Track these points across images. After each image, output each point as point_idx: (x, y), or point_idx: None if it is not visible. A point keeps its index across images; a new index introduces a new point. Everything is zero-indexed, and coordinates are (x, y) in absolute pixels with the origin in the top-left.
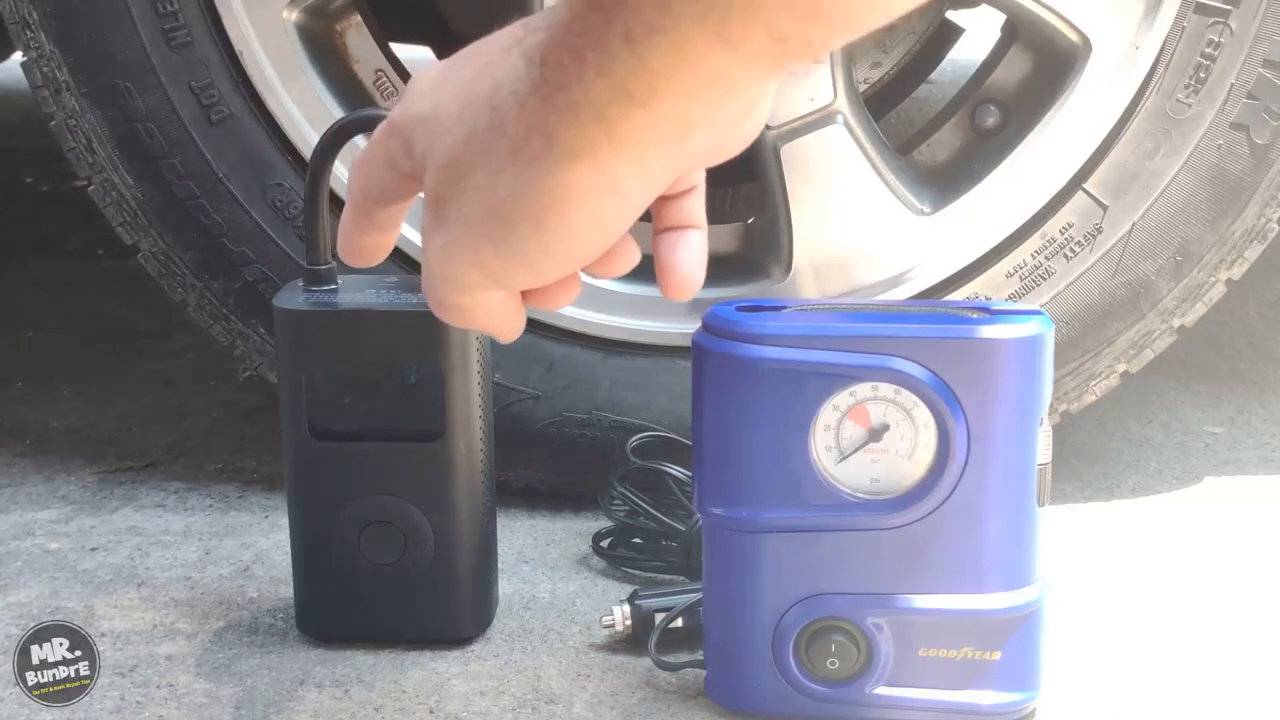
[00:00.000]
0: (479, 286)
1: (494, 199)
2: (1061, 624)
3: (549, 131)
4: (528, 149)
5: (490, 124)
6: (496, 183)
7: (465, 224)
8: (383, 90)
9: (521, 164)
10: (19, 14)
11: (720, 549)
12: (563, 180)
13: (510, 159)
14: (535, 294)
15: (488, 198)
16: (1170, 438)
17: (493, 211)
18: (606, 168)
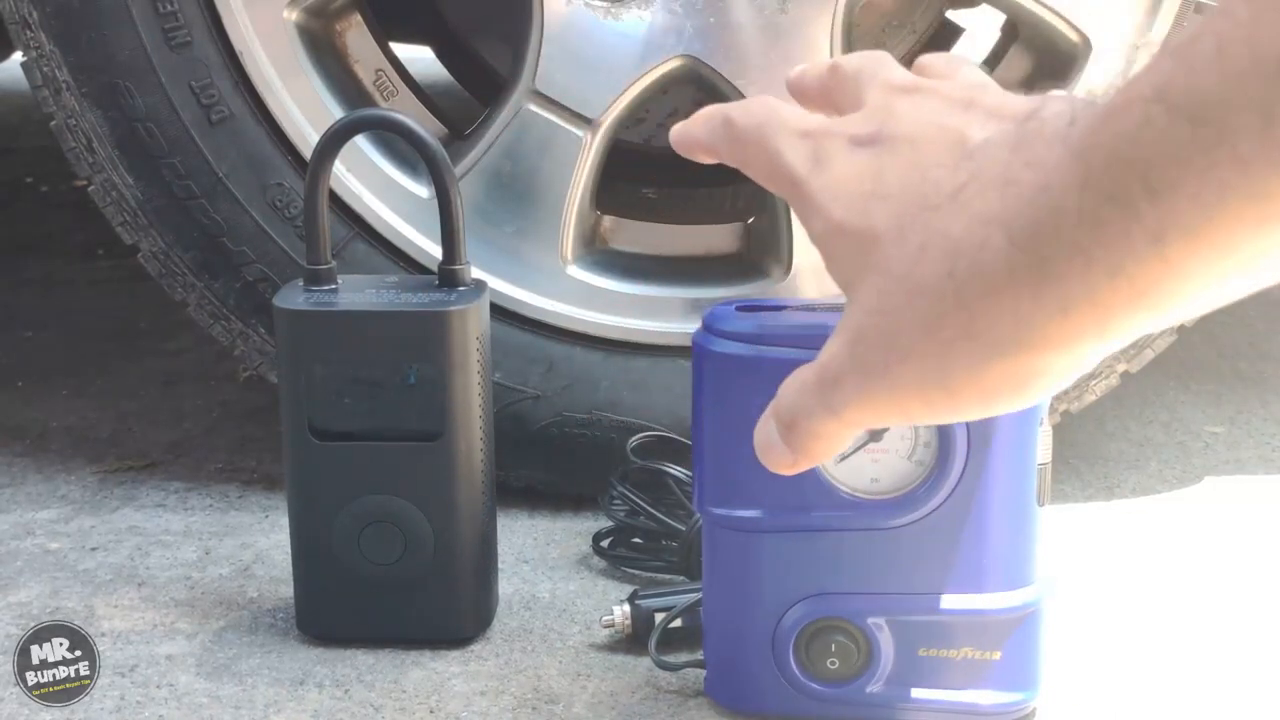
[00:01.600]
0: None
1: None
2: (1061, 624)
3: (1028, 320)
4: (993, 333)
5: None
6: (946, 355)
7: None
8: (383, 90)
9: (983, 344)
10: (19, 14)
11: (720, 549)
12: (1034, 367)
13: (966, 337)
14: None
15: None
16: (1170, 438)
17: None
18: (1089, 355)
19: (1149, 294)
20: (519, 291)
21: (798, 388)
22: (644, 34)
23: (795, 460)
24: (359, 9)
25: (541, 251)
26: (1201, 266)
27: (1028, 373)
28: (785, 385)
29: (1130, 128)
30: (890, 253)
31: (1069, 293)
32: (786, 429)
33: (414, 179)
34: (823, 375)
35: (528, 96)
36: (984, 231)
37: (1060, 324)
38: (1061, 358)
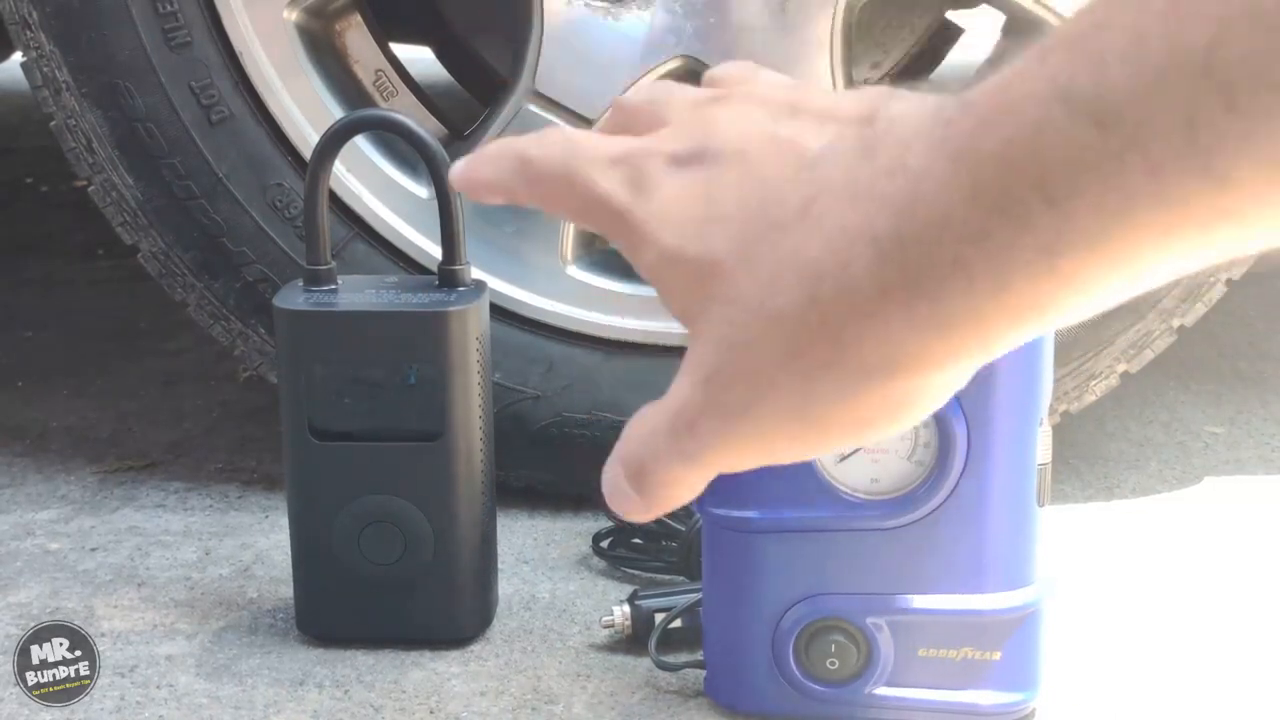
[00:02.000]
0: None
1: (809, 405)
2: (1061, 624)
3: (901, 343)
4: (864, 359)
5: (804, 322)
6: (813, 387)
7: (755, 418)
8: (383, 90)
9: (853, 372)
10: (19, 14)
11: (720, 549)
12: (909, 390)
13: (834, 365)
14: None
15: (798, 401)
16: (1170, 438)
17: (804, 416)
18: (965, 370)
19: (1036, 307)
20: (519, 291)
21: (646, 433)
22: (644, 34)
23: (650, 507)
24: (359, 9)
25: (541, 251)
26: (1096, 277)
27: (903, 397)
28: (630, 429)
29: (1023, 130)
30: (738, 281)
31: (948, 311)
32: (635, 476)
33: (414, 179)
34: (674, 420)
35: (528, 97)
36: (845, 249)
37: (938, 344)
38: (938, 377)
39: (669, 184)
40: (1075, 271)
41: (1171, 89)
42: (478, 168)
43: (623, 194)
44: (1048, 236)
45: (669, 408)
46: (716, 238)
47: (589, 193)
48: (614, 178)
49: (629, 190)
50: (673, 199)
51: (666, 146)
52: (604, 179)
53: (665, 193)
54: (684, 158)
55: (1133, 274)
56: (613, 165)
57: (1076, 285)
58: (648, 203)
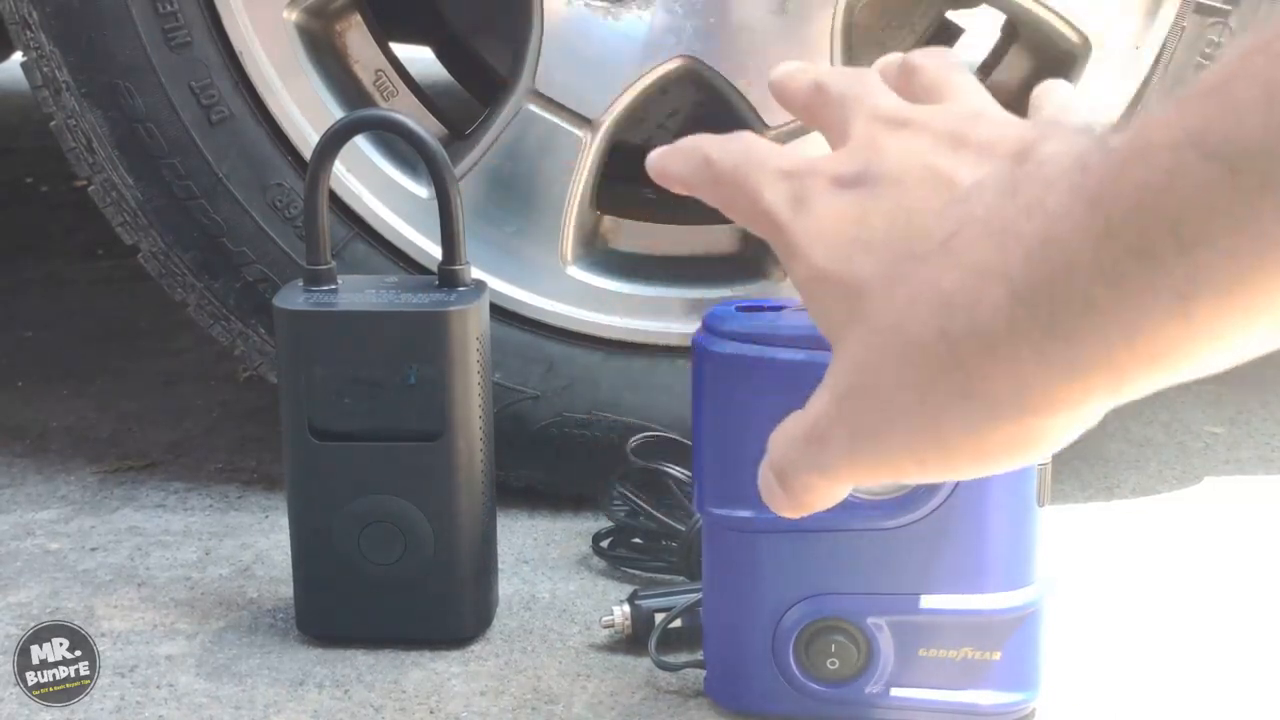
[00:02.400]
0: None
1: (937, 434)
2: (1061, 624)
3: (1031, 382)
4: (992, 395)
5: (934, 352)
6: (941, 417)
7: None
8: (383, 90)
9: (981, 407)
10: (19, 14)
11: (720, 549)
12: (1037, 429)
13: (962, 399)
14: None
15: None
16: (1170, 438)
17: (931, 443)
18: (1096, 412)
19: (1169, 354)
20: (519, 291)
21: (786, 441)
22: (644, 34)
23: (797, 508)
24: (359, 9)
25: (541, 252)
26: (1229, 325)
27: (1030, 435)
28: (775, 436)
29: (1158, 175)
30: (877, 305)
31: (1079, 354)
32: (779, 481)
33: (414, 179)
34: (810, 432)
35: (528, 96)
36: (980, 285)
37: (1068, 386)
38: (1067, 418)
39: (827, 204)
40: (1209, 317)
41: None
42: (670, 161)
43: (784, 209)
44: (1180, 280)
45: (806, 419)
46: (862, 261)
47: (756, 202)
48: (780, 191)
49: (790, 205)
50: (828, 219)
51: (834, 168)
52: (770, 191)
53: (822, 212)
54: (847, 180)
55: (1263, 323)
56: (781, 179)
57: (1211, 331)
58: (805, 219)
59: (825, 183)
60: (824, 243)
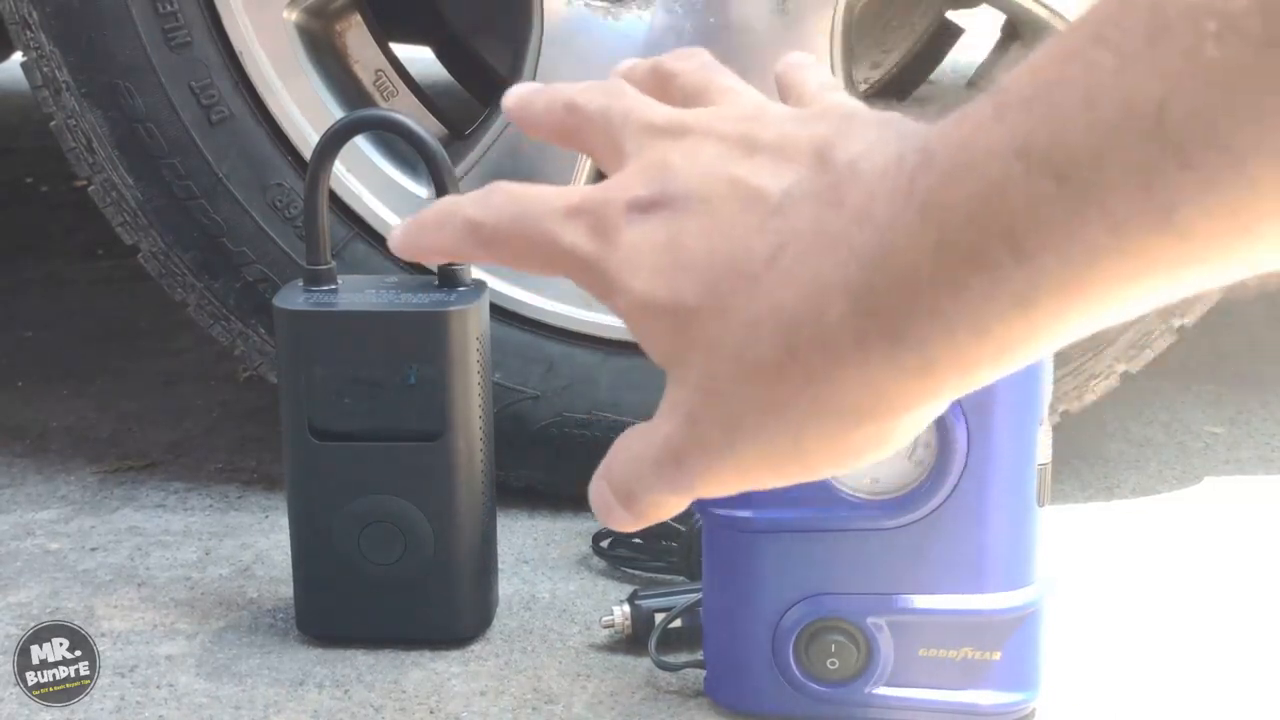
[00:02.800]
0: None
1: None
2: (1061, 624)
3: (883, 386)
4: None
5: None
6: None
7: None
8: (383, 90)
9: (836, 415)
10: (19, 14)
11: (720, 549)
12: (892, 427)
13: (817, 413)
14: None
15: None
16: (1170, 438)
17: (789, 453)
18: (944, 403)
19: (1014, 348)
20: (519, 291)
21: (633, 462)
22: (644, 34)
23: (636, 522)
24: (359, 9)
25: None
26: (1069, 320)
27: (885, 432)
28: (615, 454)
29: (986, 186)
30: (712, 329)
31: (928, 355)
32: (624, 500)
33: (414, 179)
34: (660, 454)
35: None
36: (820, 299)
37: (919, 385)
38: (922, 413)
39: (633, 232)
40: (1049, 317)
41: (1126, 146)
42: (421, 236)
43: (588, 244)
44: (1020, 287)
45: (655, 440)
46: (687, 286)
47: (553, 247)
48: (576, 229)
49: (593, 239)
50: (639, 247)
51: (624, 194)
52: (566, 232)
53: (629, 241)
54: (644, 204)
55: (1105, 314)
56: (572, 217)
57: (1052, 327)
58: (614, 250)
59: (621, 211)
60: (641, 271)
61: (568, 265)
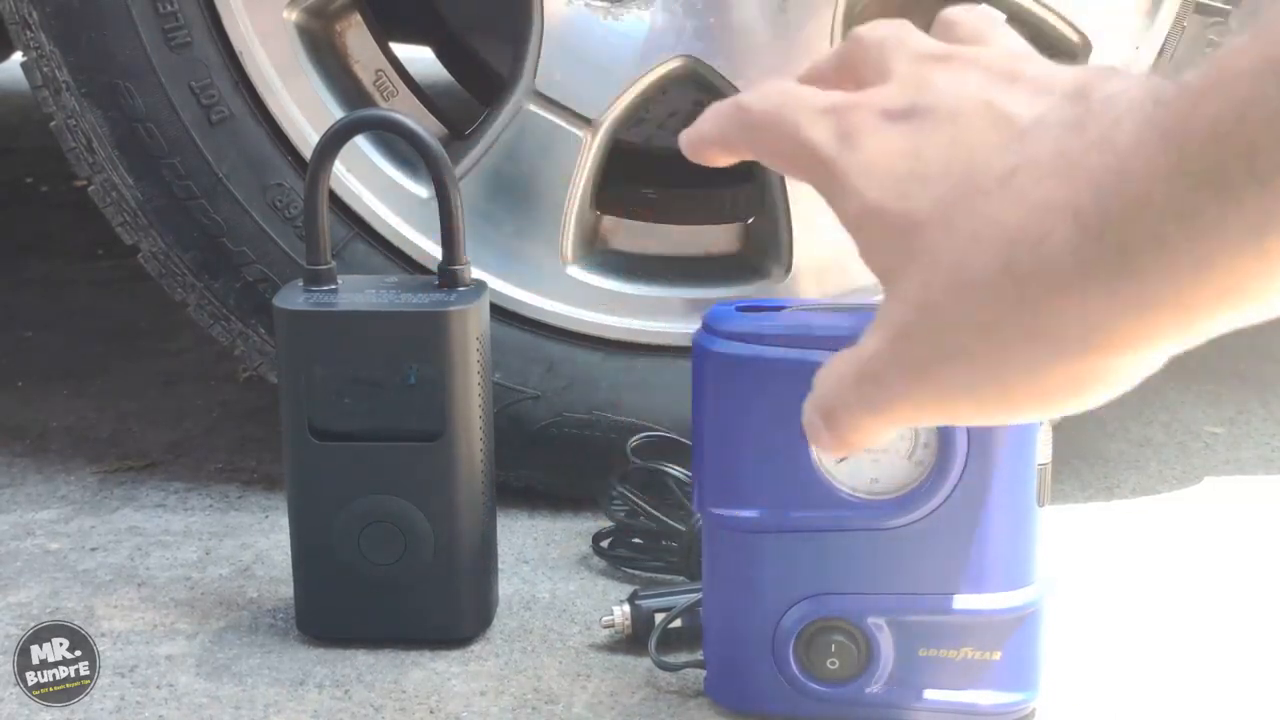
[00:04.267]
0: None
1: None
2: (1061, 624)
3: (1099, 320)
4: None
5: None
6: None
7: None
8: (383, 90)
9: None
10: (19, 14)
11: (720, 549)
12: (1102, 368)
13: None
14: None
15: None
16: (1170, 438)
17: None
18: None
19: (1240, 290)
20: (519, 291)
21: (835, 380)
22: (644, 34)
23: (843, 447)
24: (359, 9)
25: (541, 252)
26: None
27: (1094, 374)
28: (822, 374)
29: (1234, 105)
30: (937, 241)
31: (1149, 290)
32: (825, 419)
33: (414, 179)
34: (862, 371)
35: (528, 96)
36: (1047, 221)
37: (1136, 323)
38: (1131, 359)
39: (878, 137)
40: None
41: None
42: (702, 124)
43: (830, 143)
44: (1255, 215)
45: (858, 357)
46: (919, 196)
47: (797, 140)
48: (824, 126)
49: (837, 140)
50: (880, 152)
51: (880, 101)
52: (813, 127)
53: (873, 146)
54: (896, 114)
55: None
56: (824, 115)
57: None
58: (854, 154)
59: (873, 117)
60: (876, 177)
61: (809, 162)
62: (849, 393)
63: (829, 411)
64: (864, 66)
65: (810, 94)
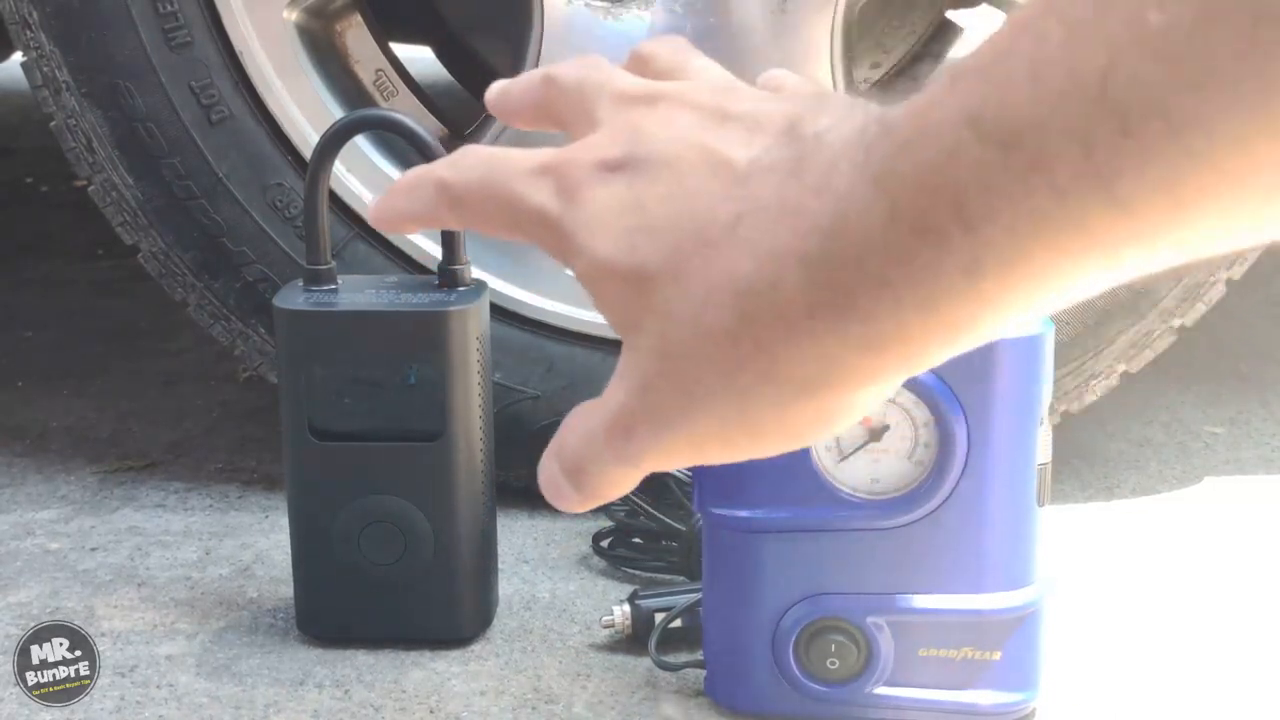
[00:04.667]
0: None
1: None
2: (1061, 624)
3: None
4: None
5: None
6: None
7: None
8: (383, 90)
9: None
10: (19, 14)
11: (720, 549)
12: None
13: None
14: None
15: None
16: (1170, 438)
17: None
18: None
19: (962, 325)
20: (519, 291)
21: (582, 436)
22: (644, 34)
23: (585, 502)
24: (359, 9)
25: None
26: (1017, 297)
27: (833, 409)
28: (567, 429)
29: (938, 155)
30: (669, 295)
31: (877, 330)
32: (573, 474)
33: None
34: (612, 425)
35: None
36: (775, 268)
37: (868, 360)
38: (869, 391)
39: (598, 192)
40: (996, 292)
41: (1069, 113)
42: (393, 201)
43: (553, 203)
44: (967, 259)
45: (607, 412)
46: (648, 249)
47: (518, 206)
48: (542, 188)
49: (558, 199)
50: (603, 206)
51: (594, 154)
52: (532, 191)
53: (595, 201)
54: (612, 164)
55: (1049, 293)
56: (539, 176)
57: (998, 304)
58: (577, 210)
59: (588, 170)
60: (602, 232)
61: (532, 225)
62: (599, 448)
63: (578, 468)
64: (566, 111)
65: (516, 156)
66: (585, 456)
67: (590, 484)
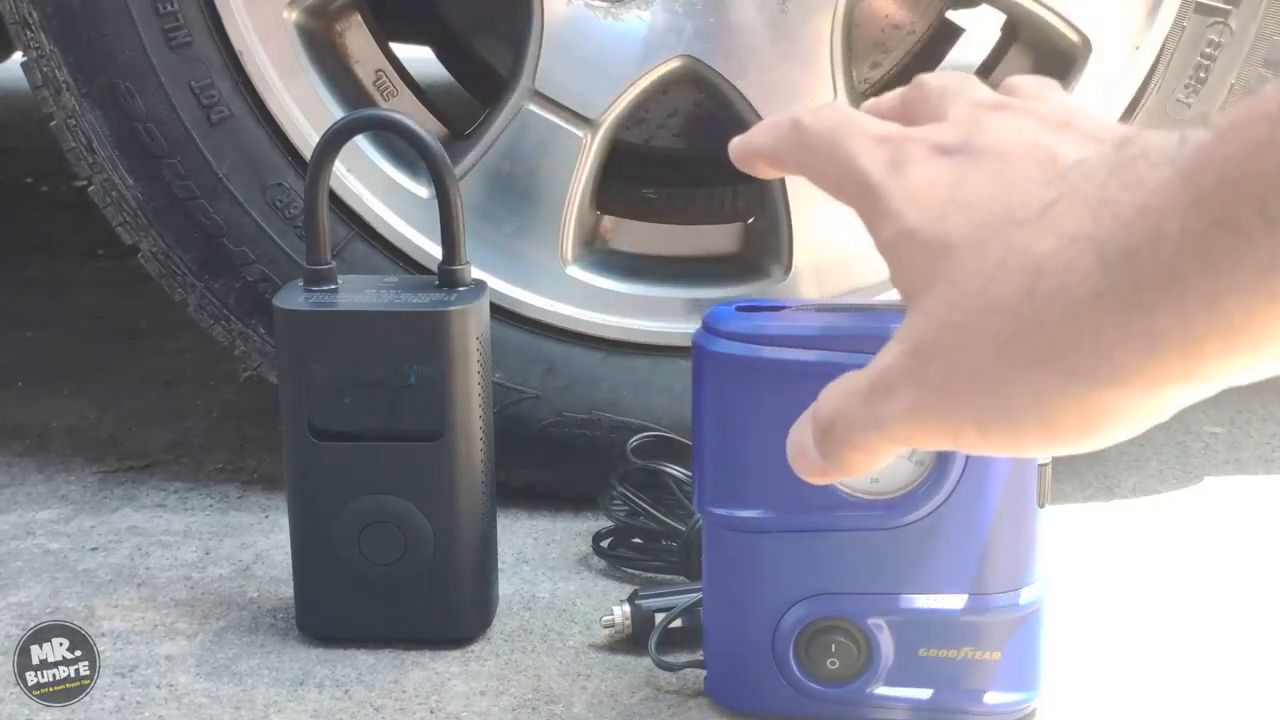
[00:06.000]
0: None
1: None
2: (1061, 624)
3: (1110, 351)
4: (1070, 361)
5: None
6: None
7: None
8: (383, 90)
9: (1056, 373)
10: (19, 14)
11: (720, 549)
12: (1108, 405)
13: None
14: None
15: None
16: (1170, 438)
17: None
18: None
19: (1248, 332)
20: (519, 291)
21: (843, 393)
22: (644, 34)
23: (826, 470)
24: (359, 9)
25: (541, 251)
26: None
27: (1100, 411)
28: (830, 389)
29: (1248, 147)
30: (965, 264)
31: (1159, 325)
32: (824, 434)
33: (414, 179)
34: (875, 384)
35: (528, 96)
36: (1072, 250)
37: (1145, 359)
38: (1139, 399)
39: (925, 168)
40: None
41: None
42: (756, 134)
43: (879, 170)
44: (1265, 255)
45: (872, 370)
46: (955, 221)
47: (848, 164)
48: (876, 155)
49: (885, 168)
50: (925, 179)
51: (933, 136)
52: (866, 154)
53: (918, 174)
54: (947, 148)
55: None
56: (878, 143)
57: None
58: (899, 181)
59: (924, 148)
60: (917, 203)
61: (853, 185)
62: (858, 405)
63: (829, 424)
64: (923, 108)
65: (867, 121)
66: (840, 411)
67: (837, 446)
